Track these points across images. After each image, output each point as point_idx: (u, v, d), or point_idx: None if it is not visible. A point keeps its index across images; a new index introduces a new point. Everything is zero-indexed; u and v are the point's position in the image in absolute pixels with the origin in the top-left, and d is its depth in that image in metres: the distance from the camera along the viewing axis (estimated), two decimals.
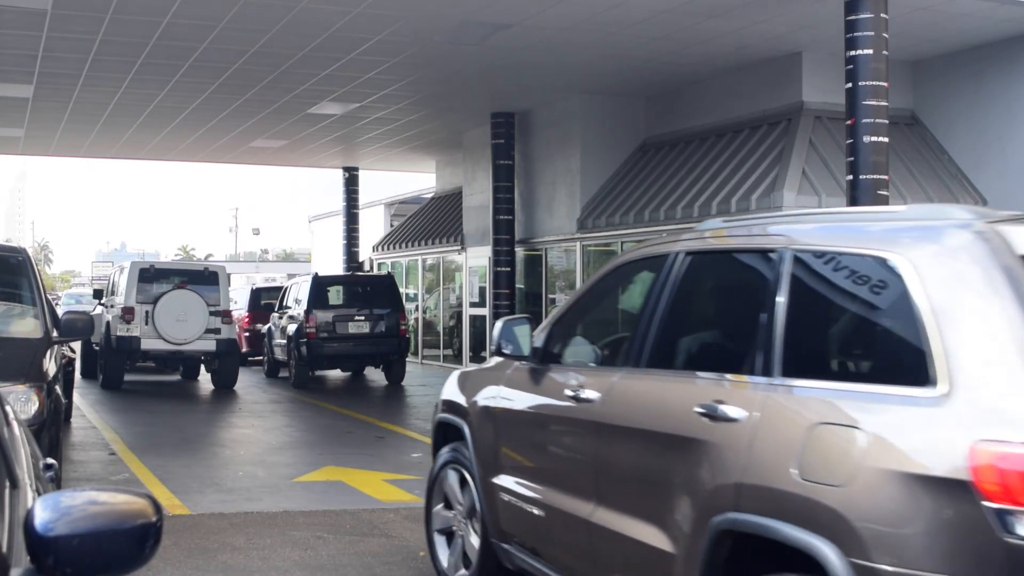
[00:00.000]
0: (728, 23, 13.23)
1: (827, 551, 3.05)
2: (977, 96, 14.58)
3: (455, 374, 6.13)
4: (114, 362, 17.63)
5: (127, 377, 18.14)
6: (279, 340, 20.21)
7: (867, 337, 3.55)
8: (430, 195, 28.76)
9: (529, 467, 5.09)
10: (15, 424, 3.28)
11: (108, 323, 17.78)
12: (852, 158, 11.61)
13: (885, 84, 11.51)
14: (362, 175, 28.35)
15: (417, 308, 25.34)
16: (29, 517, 1.96)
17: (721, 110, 16.40)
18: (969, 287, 3.07)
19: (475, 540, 5.52)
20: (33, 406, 6.64)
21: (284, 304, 20.84)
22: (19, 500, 2.51)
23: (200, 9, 12.56)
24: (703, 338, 4.49)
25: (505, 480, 5.20)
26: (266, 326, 21.76)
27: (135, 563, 2.01)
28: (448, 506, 5.84)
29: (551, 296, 19.74)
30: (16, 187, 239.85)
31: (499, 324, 5.27)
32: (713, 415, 3.68)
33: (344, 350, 18.87)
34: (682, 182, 16.20)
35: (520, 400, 5.20)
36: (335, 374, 21.19)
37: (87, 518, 1.98)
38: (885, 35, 11.49)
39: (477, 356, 21.86)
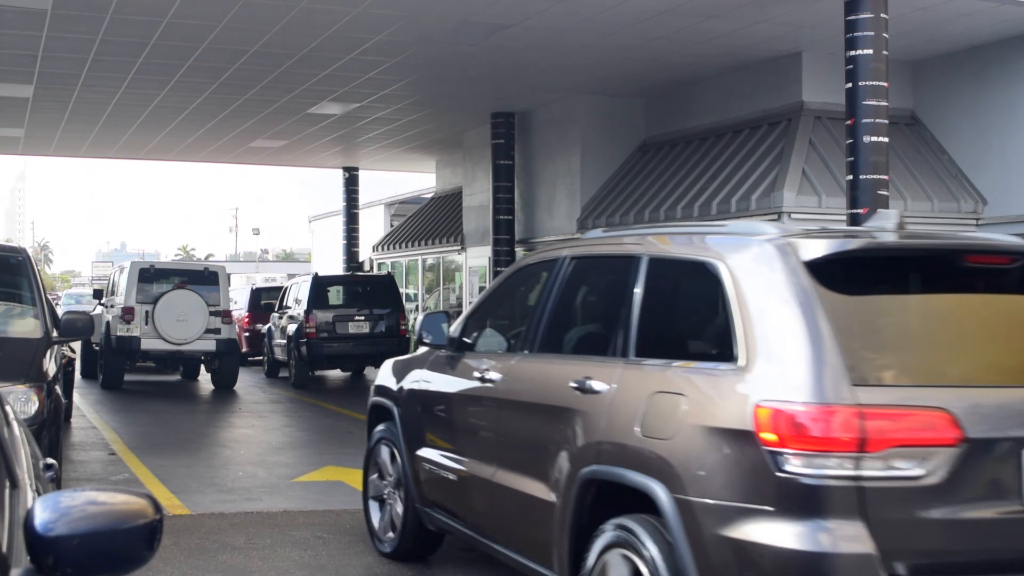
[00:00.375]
0: (728, 23, 13.23)
1: (658, 490, 3.88)
2: (977, 96, 14.58)
3: (388, 362, 6.96)
4: (114, 362, 17.63)
5: (127, 377, 18.14)
6: (279, 340, 20.22)
7: (695, 324, 4.54)
8: (430, 195, 28.77)
9: (445, 440, 5.91)
10: (15, 424, 3.28)
11: (108, 323, 17.78)
12: (852, 158, 11.61)
13: (885, 84, 11.51)
14: (362, 175, 28.36)
15: (417, 308, 25.34)
16: (29, 517, 1.96)
17: (721, 110, 16.40)
18: (764, 286, 3.88)
19: (400, 508, 6.43)
20: (33, 406, 6.64)
21: (284, 304, 20.85)
22: (19, 500, 2.51)
23: (200, 9, 12.56)
24: (580, 327, 5.34)
25: (427, 452, 6.07)
26: (266, 326, 21.77)
27: (135, 563, 2.01)
28: (381, 477, 6.72)
29: None
30: (16, 187, 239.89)
31: (420, 317, 6.23)
32: (583, 388, 4.53)
33: (344, 350, 18.88)
34: (682, 182, 16.21)
35: (438, 383, 6.07)
36: (335, 374, 21.19)
37: (87, 518, 1.98)
38: (885, 35, 11.49)
39: None
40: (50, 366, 7.29)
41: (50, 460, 3.63)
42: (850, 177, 11.67)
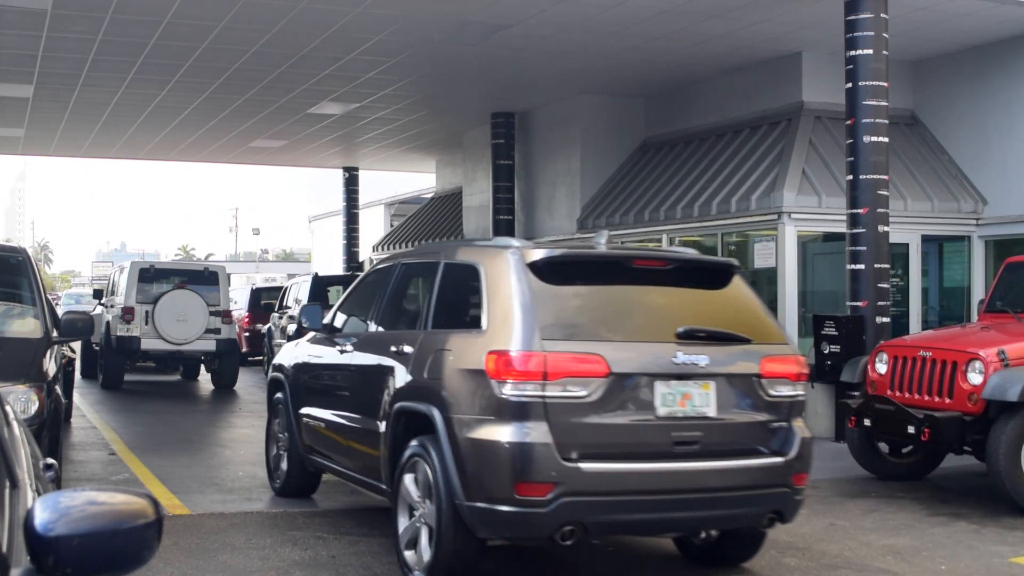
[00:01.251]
0: (728, 23, 13.23)
1: (434, 412, 5.77)
2: (977, 96, 14.58)
3: (284, 345, 9.04)
4: (114, 362, 17.62)
5: (127, 377, 18.14)
6: (279, 340, 20.21)
7: (466, 305, 6.24)
8: (430, 195, 28.76)
9: (318, 399, 7.80)
10: (15, 424, 3.28)
11: (108, 323, 17.77)
12: (852, 158, 11.61)
13: (885, 84, 11.51)
14: (362, 175, 28.35)
15: None
16: (29, 517, 1.96)
17: (721, 110, 16.40)
18: (501, 280, 5.78)
19: (282, 453, 8.48)
20: (33, 406, 6.64)
21: (284, 304, 20.83)
22: (19, 500, 2.51)
23: (200, 9, 12.57)
24: (403, 311, 7.28)
25: (306, 410, 7.94)
26: (266, 326, 21.75)
27: (135, 563, 2.01)
28: (276, 434, 8.67)
29: None
30: (16, 187, 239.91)
31: (300, 307, 8.36)
32: (398, 351, 6.44)
33: None
34: (682, 182, 16.20)
35: (314, 357, 8.01)
36: None
37: (87, 518, 1.98)
38: (885, 35, 11.49)
39: None
40: (50, 366, 7.28)
41: (50, 460, 3.63)
42: (850, 177, 11.67)
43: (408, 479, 6.01)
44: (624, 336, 5.71)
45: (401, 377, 6.31)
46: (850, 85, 11.56)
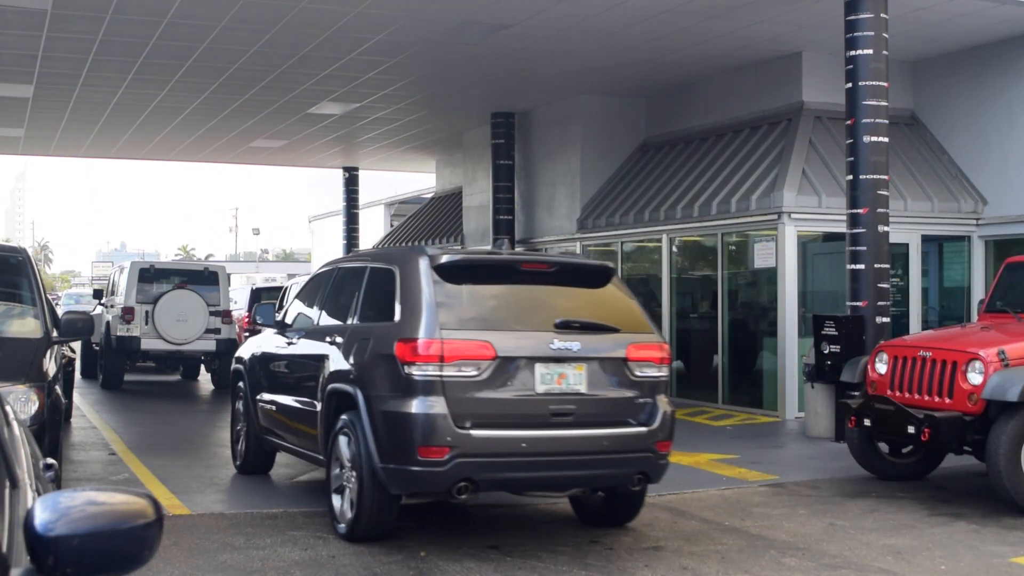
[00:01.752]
0: (728, 23, 13.23)
1: (358, 392, 6.89)
2: (977, 96, 14.58)
3: (247, 340, 10.24)
4: (114, 362, 17.62)
5: (127, 377, 18.14)
6: None
7: (384, 302, 7.21)
8: (430, 195, 28.76)
9: (271, 386, 8.87)
10: (15, 424, 3.28)
11: (108, 323, 17.77)
12: (852, 158, 11.61)
13: (885, 84, 11.51)
14: (362, 175, 28.35)
15: None
16: (29, 517, 1.96)
17: (721, 110, 16.40)
18: (410, 280, 6.88)
19: (242, 434, 9.57)
20: (33, 406, 6.64)
21: (284, 304, 20.81)
22: (19, 500, 2.51)
23: (200, 9, 12.57)
24: (337, 307, 8.14)
25: (261, 396, 9.00)
26: None
27: (135, 563, 2.01)
28: (238, 419, 9.69)
29: None
30: (16, 187, 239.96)
31: (256, 307, 9.31)
32: (332, 341, 7.60)
33: None
34: (682, 182, 16.20)
35: (267, 349, 9.07)
36: None
37: (87, 518, 1.98)
38: (885, 35, 11.49)
39: None
40: (50, 366, 7.28)
41: (50, 460, 3.63)
42: (850, 177, 11.67)
43: (338, 448, 7.14)
44: (510, 326, 6.84)
45: (333, 364, 7.49)
46: (850, 85, 11.56)
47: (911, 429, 8.47)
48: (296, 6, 12.37)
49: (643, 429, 6.93)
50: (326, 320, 8.14)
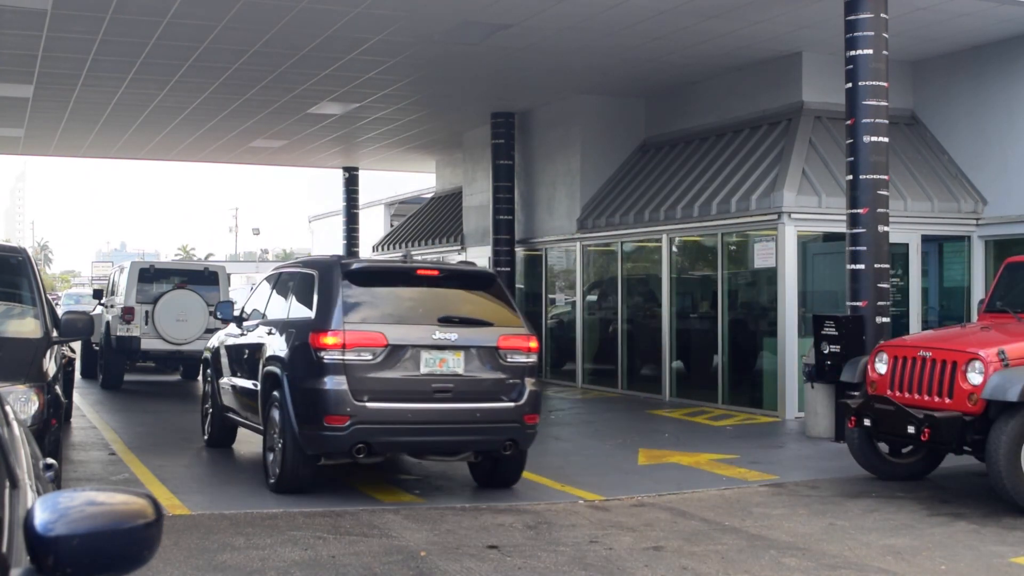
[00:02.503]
0: (728, 23, 13.23)
1: (283, 373, 8.48)
2: (977, 96, 14.58)
3: (215, 334, 11.73)
4: (114, 362, 17.62)
5: (127, 377, 18.13)
6: None
7: (306, 300, 8.67)
8: (430, 195, 28.75)
9: (228, 370, 10.52)
10: (15, 424, 3.28)
11: (108, 323, 17.77)
12: (852, 158, 11.61)
13: (885, 84, 11.51)
14: (362, 175, 28.34)
15: None
16: (29, 517, 1.96)
17: (721, 110, 16.40)
18: (325, 283, 8.40)
19: (209, 413, 11.20)
20: (33, 406, 6.64)
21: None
22: (19, 500, 2.51)
23: (200, 9, 12.57)
24: (277, 305, 9.67)
25: (222, 379, 10.72)
26: None
27: (135, 563, 2.01)
28: (206, 399, 11.30)
29: (551, 296, 19.74)
30: (16, 187, 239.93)
31: (217, 304, 11.32)
32: (270, 332, 9.18)
33: None
34: (682, 182, 16.20)
35: (227, 341, 10.75)
36: None
37: (87, 518, 1.98)
38: (885, 35, 11.49)
39: None
40: (50, 366, 7.28)
41: (50, 460, 3.63)
42: (850, 177, 11.67)
43: (271, 419, 8.70)
44: (402, 320, 8.40)
45: (269, 350, 9.04)
46: (850, 85, 11.56)
47: (911, 429, 8.47)
48: (296, 6, 12.36)
49: (511, 404, 8.42)
50: (269, 315, 9.71)
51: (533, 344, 8.61)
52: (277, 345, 8.85)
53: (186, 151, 24.20)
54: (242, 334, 10.21)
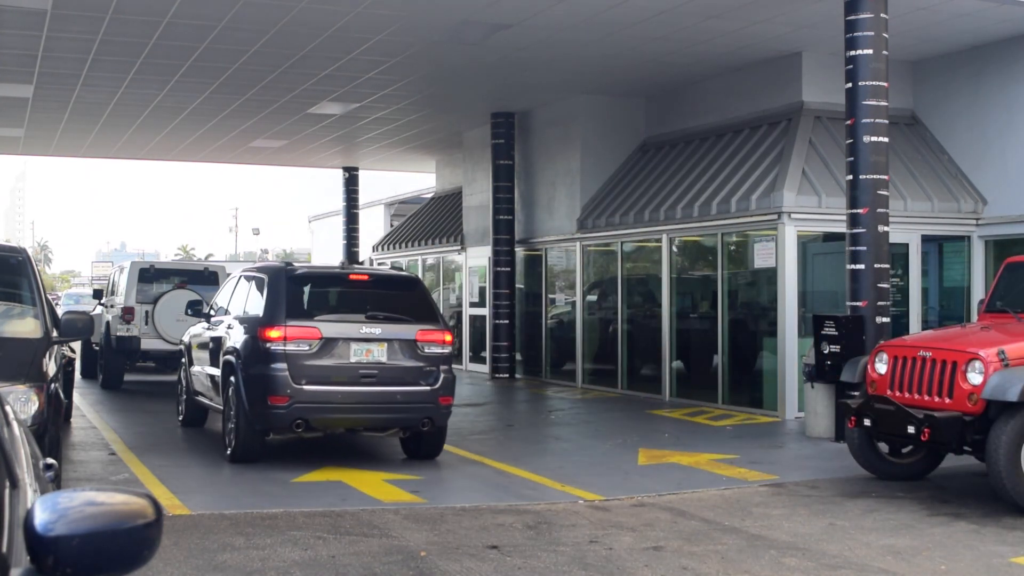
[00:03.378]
0: (728, 23, 13.23)
1: (236, 360, 10.01)
2: (976, 96, 14.58)
3: (189, 328, 13.14)
4: (114, 362, 17.62)
5: (127, 377, 18.14)
6: None
7: (257, 299, 10.22)
8: (430, 195, 28.75)
9: (197, 360, 11.99)
10: (15, 424, 3.28)
11: (108, 323, 17.77)
12: (852, 158, 11.61)
13: (885, 84, 11.51)
14: (362, 175, 28.34)
15: None
16: (29, 517, 1.96)
17: (721, 110, 16.40)
18: (271, 285, 10.08)
19: (184, 397, 12.70)
20: (33, 406, 6.63)
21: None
22: (19, 500, 2.51)
23: (200, 9, 12.56)
24: (236, 303, 11.01)
25: (194, 368, 12.13)
26: None
27: (135, 563, 2.01)
28: (182, 385, 12.80)
29: (551, 296, 19.74)
30: (16, 187, 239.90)
31: (188, 302, 13.02)
32: (229, 326, 10.63)
33: None
34: (682, 182, 16.20)
35: (197, 335, 12.21)
36: None
37: (87, 518, 1.98)
38: (885, 35, 11.49)
39: (477, 356, 21.86)
40: (50, 366, 7.28)
41: (50, 460, 3.63)
42: (850, 177, 11.67)
43: (228, 400, 10.17)
44: (334, 318, 10.05)
45: (227, 342, 10.46)
46: (850, 85, 11.56)
47: (911, 429, 8.47)
48: (296, 6, 12.36)
49: (428, 388, 9.89)
50: (231, 312, 11.07)
51: (448, 338, 10.08)
52: (234, 337, 10.28)
53: (186, 151, 24.19)
54: (209, 328, 11.66)
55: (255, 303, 10.26)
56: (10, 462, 2.65)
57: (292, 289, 9.96)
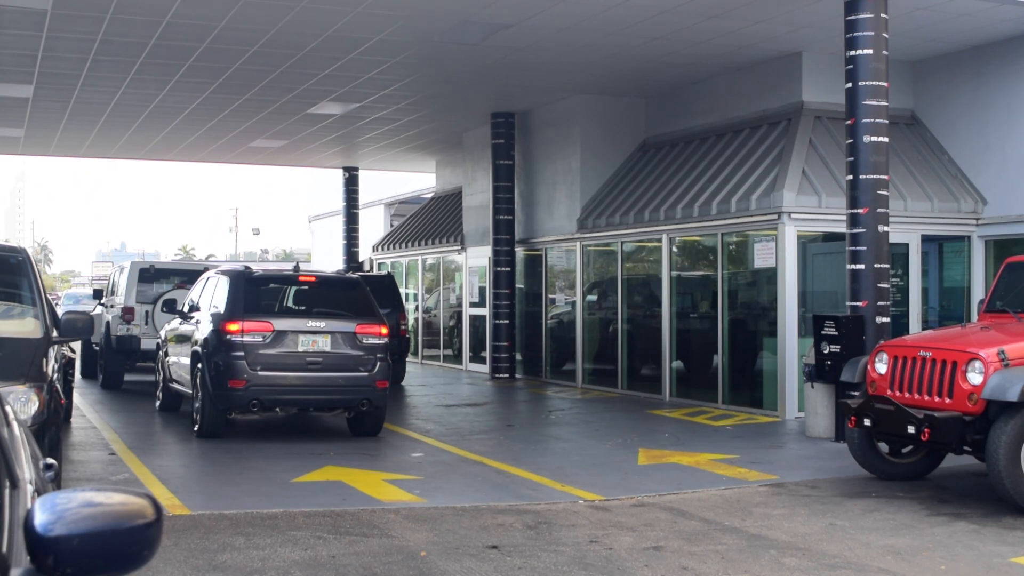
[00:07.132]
0: (728, 23, 13.23)
1: (202, 350, 11.63)
2: (977, 96, 14.58)
3: (167, 323, 14.58)
4: (114, 362, 17.62)
5: (127, 377, 18.14)
6: None
7: (221, 298, 11.90)
8: (430, 195, 28.75)
9: (172, 351, 13.46)
10: (15, 424, 3.28)
11: (108, 323, 17.77)
12: (852, 158, 11.61)
13: (885, 84, 11.51)
14: (362, 175, 28.34)
15: (417, 308, 25.34)
16: (29, 517, 1.96)
17: (721, 110, 16.40)
18: (230, 286, 11.84)
19: (161, 385, 14.28)
20: (33, 406, 6.63)
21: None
22: (19, 500, 2.51)
23: (200, 9, 12.56)
24: (205, 300, 12.31)
25: (169, 358, 13.60)
26: None
27: (134, 563, 2.01)
28: (159, 374, 14.35)
29: (551, 296, 19.74)
30: (16, 187, 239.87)
31: (162, 299, 16.04)
32: (198, 321, 12.17)
33: None
34: (682, 182, 16.20)
35: (173, 328, 13.60)
36: None
37: (86, 518, 1.98)
38: (885, 35, 11.49)
39: (477, 356, 21.85)
40: (50, 366, 7.28)
41: (50, 460, 3.63)
42: (850, 177, 11.67)
43: (196, 384, 11.69)
44: (285, 314, 12.04)
45: (196, 335, 11.93)
46: (850, 85, 11.56)
47: (911, 429, 8.47)
48: (296, 6, 12.36)
49: (366, 373, 11.48)
50: (200, 307, 12.40)
51: (384, 331, 11.69)
52: (201, 330, 11.79)
53: (186, 151, 24.19)
54: (181, 323, 13.13)
55: (220, 300, 11.76)
56: (10, 462, 2.65)
57: (249, 289, 11.72)
